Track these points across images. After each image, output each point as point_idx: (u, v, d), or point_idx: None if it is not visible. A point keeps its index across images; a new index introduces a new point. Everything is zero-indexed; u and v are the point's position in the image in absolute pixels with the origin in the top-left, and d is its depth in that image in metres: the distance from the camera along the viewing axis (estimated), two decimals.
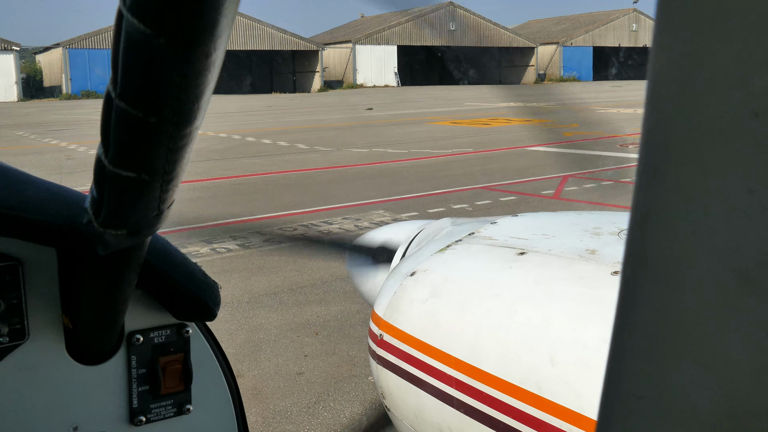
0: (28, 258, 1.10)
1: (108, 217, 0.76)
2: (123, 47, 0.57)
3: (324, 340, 5.75)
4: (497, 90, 51.89)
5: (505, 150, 17.63)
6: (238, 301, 6.62)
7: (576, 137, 19.81)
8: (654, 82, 0.34)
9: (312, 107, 38.28)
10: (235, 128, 25.12)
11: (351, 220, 10.07)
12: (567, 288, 2.08)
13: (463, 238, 2.64)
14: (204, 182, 13.61)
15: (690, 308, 0.33)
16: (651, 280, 0.35)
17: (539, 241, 2.43)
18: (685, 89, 0.32)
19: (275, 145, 20.06)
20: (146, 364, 1.21)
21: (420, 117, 28.90)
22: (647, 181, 0.35)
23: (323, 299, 6.69)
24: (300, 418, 4.54)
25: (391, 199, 11.35)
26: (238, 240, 9.01)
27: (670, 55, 0.33)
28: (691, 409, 0.33)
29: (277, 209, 10.92)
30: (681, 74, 0.32)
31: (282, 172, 15.02)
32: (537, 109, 31.68)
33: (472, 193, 11.96)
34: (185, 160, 0.70)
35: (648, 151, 0.35)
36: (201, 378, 1.27)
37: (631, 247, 0.36)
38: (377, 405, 4.52)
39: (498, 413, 2.00)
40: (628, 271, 0.36)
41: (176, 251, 1.15)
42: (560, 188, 12.10)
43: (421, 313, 2.36)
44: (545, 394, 1.87)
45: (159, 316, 1.21)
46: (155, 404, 1.23)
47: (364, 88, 62.93)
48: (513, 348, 2.03)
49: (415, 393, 2.31)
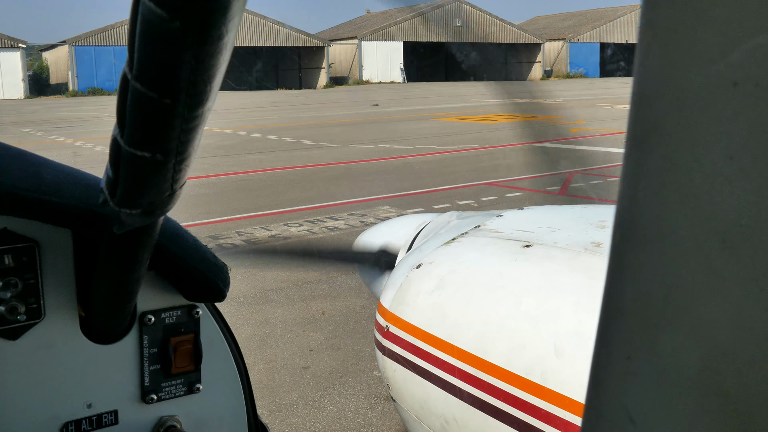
0: (44, 239, 1.12)
1: (123, 196, 0.77)
2: (139, 30, 0.59)
3: (330, 335, 5.77)
4: (501, 87, 51.75)
5: (511, 146, 17.61)
6: (245, 297, 6.64)
7: (581, 133, 19.78)
8: (641, 56, 0.36)
9: (318, 103, 38.28)
10: (240, 124, 25.15)
11: (356, 215, 10.08)
12: (572, 280, 2.08)
13: (469, 231, 2.64)
14: (210, 178, 13.64)
15: (675, 271, 0.34)
16: (638, 245, 0.36)
17: (545, 234, 2.44)
18: (669, 62, 0.34)
19: (281, 141, 20.08)
20: (158, 343, 1.23)
21: (425, 113, 28.88)
22: (635, 151, 0.36)
23: (329, 294, 6.71)
24: (306, 412, 4.56)
25: (397, 195, 11.36)
26: (244, 236, 9.04)
27: (656, 30, 0.35)
28: (677, 367, 0.34)
29: (282, 205, 10.94)
30: (665, 48, 0.34)
31: (287, 168, 15.04)
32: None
33: (477, 189, 11.96)
34: (197, 141, 0.72)
35: (636, 122, 0.36)
36: (211, 358, 1.29)
37: (620, 215, 0.38)
38: (382, 399, 4.54)
39: (503, 404, 2.01)
40: (617, 237, 0.38)
41: (187, 234, 1.16)
42: (566, 184, 12.08)
43: (427, 305, 2.36)
44: (550, 385, 1.88)
45: (170, 297, 1.23)
46: (166, 383, 1.25)
47: (370, 84, 62.90)
48: (518, 339, 2.04)
49: (421, 384, 2.32)
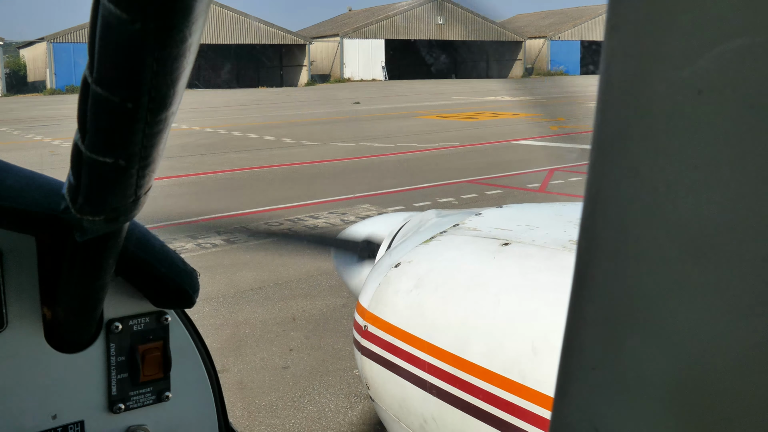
0: (6, 246, 1.09)
1: (85, 203, 0.76)
2: (99, 33, 0.57)
3: (309, 334, 5.74)
4: (486, 84, 52.00)
5: (492, 144, 17.66)
6: (224, 296, 6.59)
7: (561, 131, 19.89)
8: (606, 62, 0.35)
9: (299, 101, 38.15)
10: (221, 123, 25.00)
11: (337, 214, 10.05)
12: (550, 278, 2.08)
13: (448, 229, 2.63)
14: (190, 177, 13.55)
15: (640, 281, 0.34)
16: (603, 254, 0.35)
17: (523, 232, 2.44)
18: (634, 69, 0.33)
19: (262, 139, 19.99)
20: (125, 351, 1.21)
21: (407, 111, 28.88)
22: (599, 158, 0.36)
23: (309, 294, 6.68)
24: (285, 412, 4.53)
25: (378, 194, 11.35)
26: (223, 235, 8.98)
27: (620, 36, 0.34)
28: (642, 378, 0.34)
29: (263, 204, 10.88)
30: (630, 55, 0.33)
31: (268, 166, 14.97)
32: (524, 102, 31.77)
33: (458, 186, 11.97)
34: (162, 146, 0.70)
35: (600, 130, 0.36)
36: (180, 365, 1.27)
37: (585, 223, 0.37)
38: (362, 398, 4.53)
39: (482, 402, 2.00)
40: (582, 246, 0.37)
41: (155, 239, 1.14)
42: (546, 181, 12.13)
43: (405, 304, 2.35)
44: (528, 382, 1.88)
45: (138, 303, 1.21)
46: (134, 392, 1.23)
47: (352, 82, 62.80)
48: (497, 338, 2.03)
49: (400, 384, 2.31)
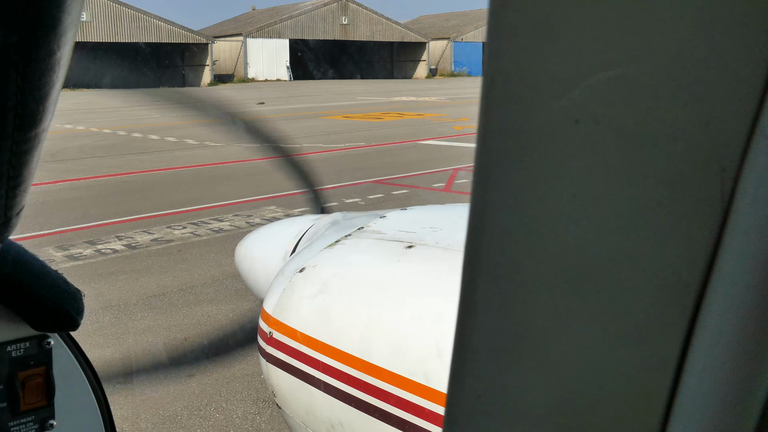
0: None
1: None
2: None
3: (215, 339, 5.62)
4: (388, 84, 52.42)
5: (398, 144, 17.83)
6: (125, 304, 6.36)
7: (465, 131, 20.30)
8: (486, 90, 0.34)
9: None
10: (120, 124, 24.12)
11: (242, 216, 9.90)
12: (454, 280, 2.10)
13: (353, 232, 2.63)
14: (88, 180, 13.01)
15: (523, 310, 0.34)
16: (487, 283, 0.35)
17: (427, 234, 2.46)
18: (513, 98, 0.33)
19: (163, 141, 19.45)
20: (3, 379, 1.13)
21: (312, 111, 28.75)
22: (481, 187, 0.35)
23: (214, 298, 6.55)
24: (191, 422, 4.42)
25: (283, 195, 11.23)
26: (124, 240, 8.67)
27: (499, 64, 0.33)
28: (524, 407, 0.34)
29: (165, 207, 10.58)
30: (509, 84, 0.33)
31: (171, 168, 14.57)
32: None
33: (364, 186, 12.01)
34: (33, 165, 0.66)
35: (481, 159, 0.35)
36: (65, 390, 1.20)
37: (469, 251, 0.36)
38: (270, 403, 4.47)
39: (388, 405, 2.01)
40: (466, 275, 0.37)
41: (34, 259, 1.08)
42: (451, 181, 12.36)
43: (310, 310, 2.34)
44: (433, 384, 1.90)
45: (17, 328, 1.14)
46: (14, 422, 1.16)
47: (256, 82, 61.95)
48: (402, 341, 2.04)
49: (306, 390, 2.29)
